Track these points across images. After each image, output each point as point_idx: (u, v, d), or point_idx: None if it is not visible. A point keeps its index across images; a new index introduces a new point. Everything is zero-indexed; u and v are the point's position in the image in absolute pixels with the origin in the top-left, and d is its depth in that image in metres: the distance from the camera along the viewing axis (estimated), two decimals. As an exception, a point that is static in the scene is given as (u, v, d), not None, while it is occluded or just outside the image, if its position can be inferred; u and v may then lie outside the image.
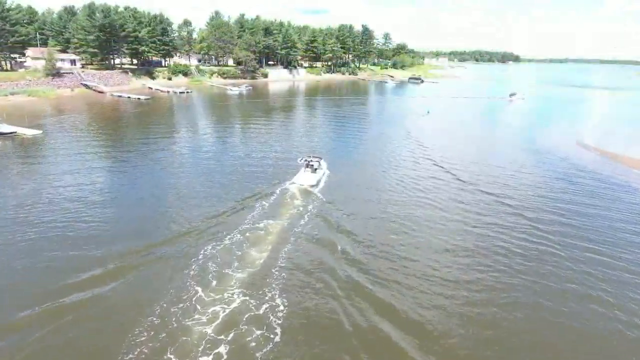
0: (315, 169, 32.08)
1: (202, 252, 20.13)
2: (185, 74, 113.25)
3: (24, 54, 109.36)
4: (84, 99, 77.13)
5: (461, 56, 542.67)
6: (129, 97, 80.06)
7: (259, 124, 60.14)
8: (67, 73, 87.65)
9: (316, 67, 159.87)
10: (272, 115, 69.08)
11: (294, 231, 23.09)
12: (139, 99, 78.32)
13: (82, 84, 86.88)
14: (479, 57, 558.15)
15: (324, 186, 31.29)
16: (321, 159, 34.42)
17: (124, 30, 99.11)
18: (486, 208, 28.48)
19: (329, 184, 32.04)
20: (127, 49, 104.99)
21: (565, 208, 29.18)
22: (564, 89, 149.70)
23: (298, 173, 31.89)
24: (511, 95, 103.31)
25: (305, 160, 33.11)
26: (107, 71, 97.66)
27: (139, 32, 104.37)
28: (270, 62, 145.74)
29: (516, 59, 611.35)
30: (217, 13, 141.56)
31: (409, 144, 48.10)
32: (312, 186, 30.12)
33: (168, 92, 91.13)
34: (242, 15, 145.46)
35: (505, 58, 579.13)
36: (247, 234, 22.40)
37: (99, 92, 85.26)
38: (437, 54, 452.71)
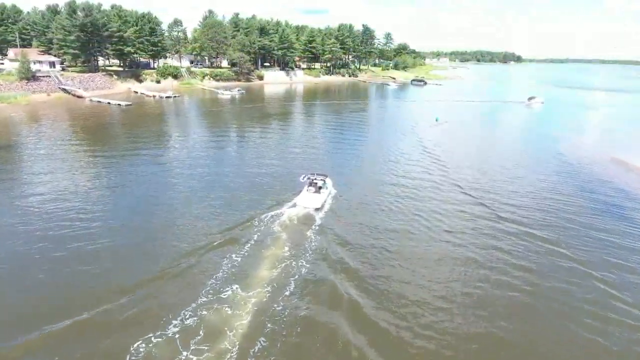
0: (320, 188, 27.86)
1: (132, 349, 13.42)
2: (175, 77, 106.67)
3: (5, 55, 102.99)
4: (59, 106, 70.23)
5: (462, 56, 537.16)
6: (109, 102, 73.22)
7: (252, 133, 53.44)
8: (44, 76, 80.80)
9: (315, 68, 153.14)
10: (267, 122, 62.25)
11: (274, 309, 16.24)
12: (119, 104, 71.50)
13: (60, 88, 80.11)
14: (481, 57, 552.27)
15: (328, 211, 26.11)
16: (326, 176, 30.04)
17: (107, 30, 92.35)
18: (526, 250, 22.17)
19: (334, 208, 26.81)
20: (111, 49, 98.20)
21: (618, 244, 23.26)
22: (572, 91, 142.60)
23: (300, 193, 27.45)
24: (529, 99, 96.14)
25: (309, 178, 28.84)
26: (89, 74, 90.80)
27: (125, 32, 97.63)
28: (266, 64, 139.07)
29: (518, 59, 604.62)
30: (210, 12, 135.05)
31: (421, 158, 41.28)
32: (317, 209, 25.83)
33: (154, 96, 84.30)
34: (237, 15, 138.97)
35: (506, 58, 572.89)
36: (205, 313, 15.67)
37: (78, 96, 78.46)
38: (438, 54, 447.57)
